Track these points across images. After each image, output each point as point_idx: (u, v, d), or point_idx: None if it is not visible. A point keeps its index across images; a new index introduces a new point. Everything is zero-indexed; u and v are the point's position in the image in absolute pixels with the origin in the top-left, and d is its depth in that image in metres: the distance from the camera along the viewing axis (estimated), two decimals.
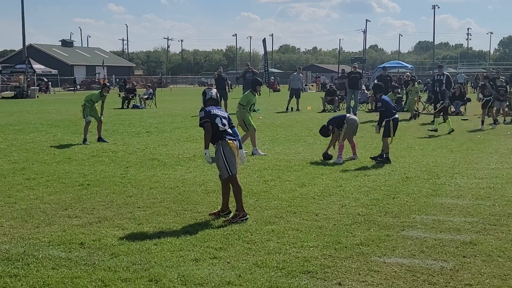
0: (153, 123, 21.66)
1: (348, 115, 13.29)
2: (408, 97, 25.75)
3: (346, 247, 6.37)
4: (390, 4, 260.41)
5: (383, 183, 9.91)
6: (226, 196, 7.85)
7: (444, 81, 21.96)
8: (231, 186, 7.76)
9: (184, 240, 6.66)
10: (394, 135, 12.36)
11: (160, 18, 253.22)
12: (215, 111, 7.84)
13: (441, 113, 18.58)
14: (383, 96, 12.72)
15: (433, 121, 19.52)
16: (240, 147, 7.92)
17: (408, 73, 33.73)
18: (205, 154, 7.85)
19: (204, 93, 8.19)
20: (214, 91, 8.23)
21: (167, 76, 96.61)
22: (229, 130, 7.83)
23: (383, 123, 12.45)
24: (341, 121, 12.72)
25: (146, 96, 32.72)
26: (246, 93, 14.19)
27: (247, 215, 7.60)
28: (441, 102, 18.69)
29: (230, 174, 7.62)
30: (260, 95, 13.84)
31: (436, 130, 17.81)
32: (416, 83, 26.27)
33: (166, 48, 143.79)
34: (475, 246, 6.38)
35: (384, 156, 12.11)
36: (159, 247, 6.39)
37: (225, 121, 7.80)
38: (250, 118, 13.53)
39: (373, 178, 10.36)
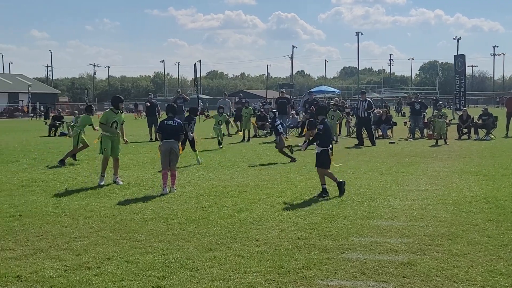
0: (82, 150, 21.16)
1: None
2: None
3: (289, 272, 6.43)
4: (315, 31, 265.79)
5: (319, 206, 10.06)
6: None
7: (365, 106, 22.86)
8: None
9: (125, 269, 6.54)
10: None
11: (85, 45, 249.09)
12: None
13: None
14: (327, 121, 11.69)
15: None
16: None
17: (336, 98, 34.64)
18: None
19: None
20: None
21: (94, 103, 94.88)
22: None
23: (320, 152, 11.21)
24: None
25: (73, 123, 32.04)
26: (106, 111, 13.45)
27: None
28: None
29: None
30: (122, 112, 13.31)
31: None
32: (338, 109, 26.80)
33: (92, 75, 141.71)
34: (413, 266, 6.57)
35: (322, 189, 11.14)
36: (99, 278, 6.25)
37: None
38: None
39: (309, 202, 10.50)
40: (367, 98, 23.77)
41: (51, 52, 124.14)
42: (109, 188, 12.23)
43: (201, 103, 65.16)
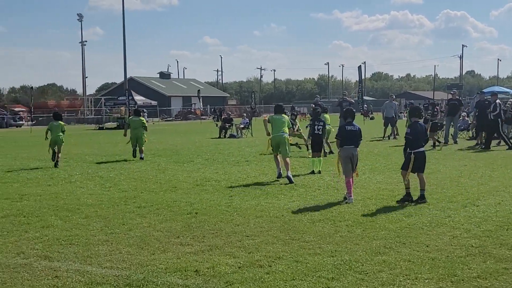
0: (251, 152, 21.98)
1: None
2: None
3: (462, 280, 6.20)
4: (487, 28, 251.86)
5: (494, 213, 9.57)
6: None
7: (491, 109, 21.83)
8: None
9: (295, 269, 6.70)
10: (413, 171, 10.78)
11: (253, 49, 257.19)
12: None
13: None
14: (419, 123, 11.15)
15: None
16: None
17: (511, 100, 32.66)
18: None
19: None
20: None
21: (260, 105, 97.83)
22: None
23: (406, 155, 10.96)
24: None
25: (242, 126, 33.32)
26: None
27: None
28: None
29: None
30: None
31: None
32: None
33: (259, 78, 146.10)
34: None
35: (405, 192, 10.78)
36: (271, 276, 6.47)
37: None
38: None
39: (483, 208, 10.03)
40: (497, 101, 22.55)
41: (221, 57, 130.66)
42: (277, 189, 12.57)
43: (365, 105, 64.59)
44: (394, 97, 32.15)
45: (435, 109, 24.93)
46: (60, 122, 19.03)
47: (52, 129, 18.69)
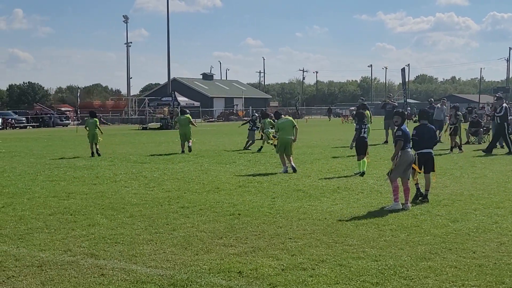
0: (293, 154, 21.87)
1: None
2: None
3: None
4: None
5: None
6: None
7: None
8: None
9: (339, 273, 6.65)
10: (419, 171, 11.24)
11: (295, 51, 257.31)
12: None
13: None
14: (427, 125, 11.54)
15: None
16: None
17: None
18: None
19: None
20: None
21: (302, 107, 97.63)
22: None
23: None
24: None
25: None
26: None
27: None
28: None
29: None
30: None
31: None
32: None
33: (302, 80, 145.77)
34: None
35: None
36: (315, 279, 6.44)
37: None
38: None
39: None
40: (503, 104, 22.14)
41: (263, 59, 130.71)
42: (320, 192, 12.51)
43: (409, 108, 63.81)
44: (445, 100, 31.79)
45: (457, 114, 24.50)
46: (95, 119, 22.38)
47: (89, 126, 22.09)
